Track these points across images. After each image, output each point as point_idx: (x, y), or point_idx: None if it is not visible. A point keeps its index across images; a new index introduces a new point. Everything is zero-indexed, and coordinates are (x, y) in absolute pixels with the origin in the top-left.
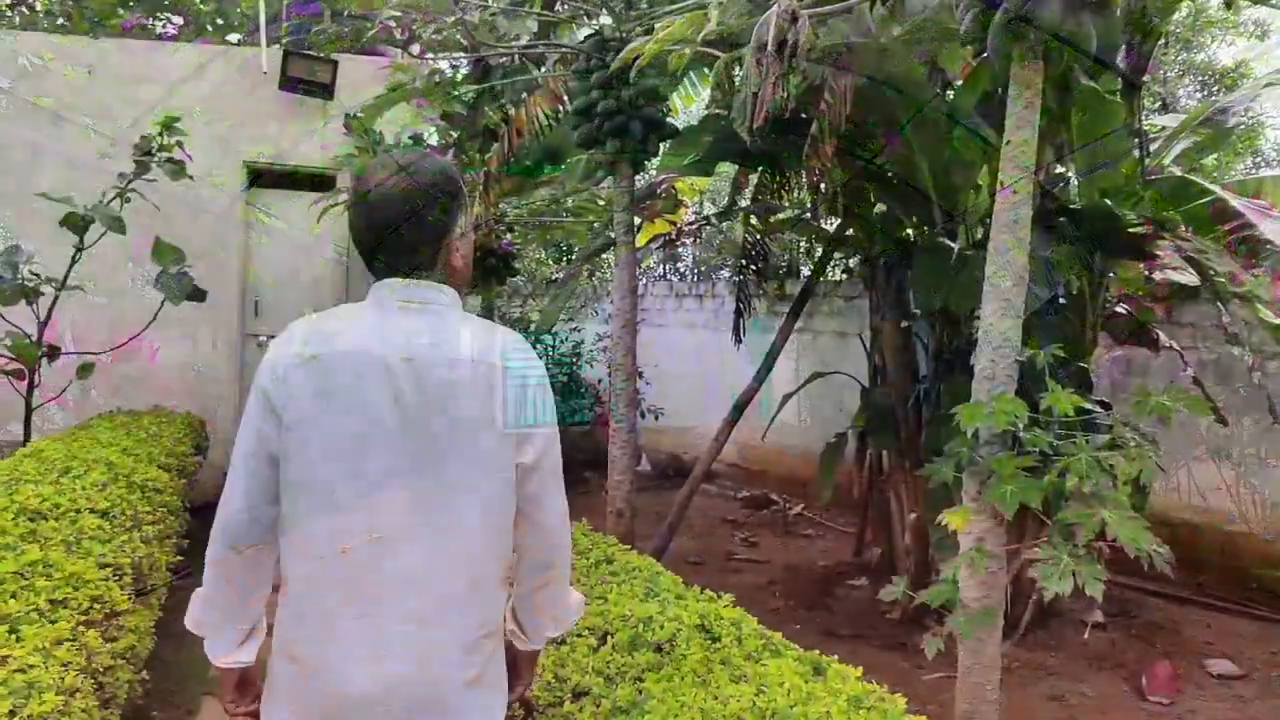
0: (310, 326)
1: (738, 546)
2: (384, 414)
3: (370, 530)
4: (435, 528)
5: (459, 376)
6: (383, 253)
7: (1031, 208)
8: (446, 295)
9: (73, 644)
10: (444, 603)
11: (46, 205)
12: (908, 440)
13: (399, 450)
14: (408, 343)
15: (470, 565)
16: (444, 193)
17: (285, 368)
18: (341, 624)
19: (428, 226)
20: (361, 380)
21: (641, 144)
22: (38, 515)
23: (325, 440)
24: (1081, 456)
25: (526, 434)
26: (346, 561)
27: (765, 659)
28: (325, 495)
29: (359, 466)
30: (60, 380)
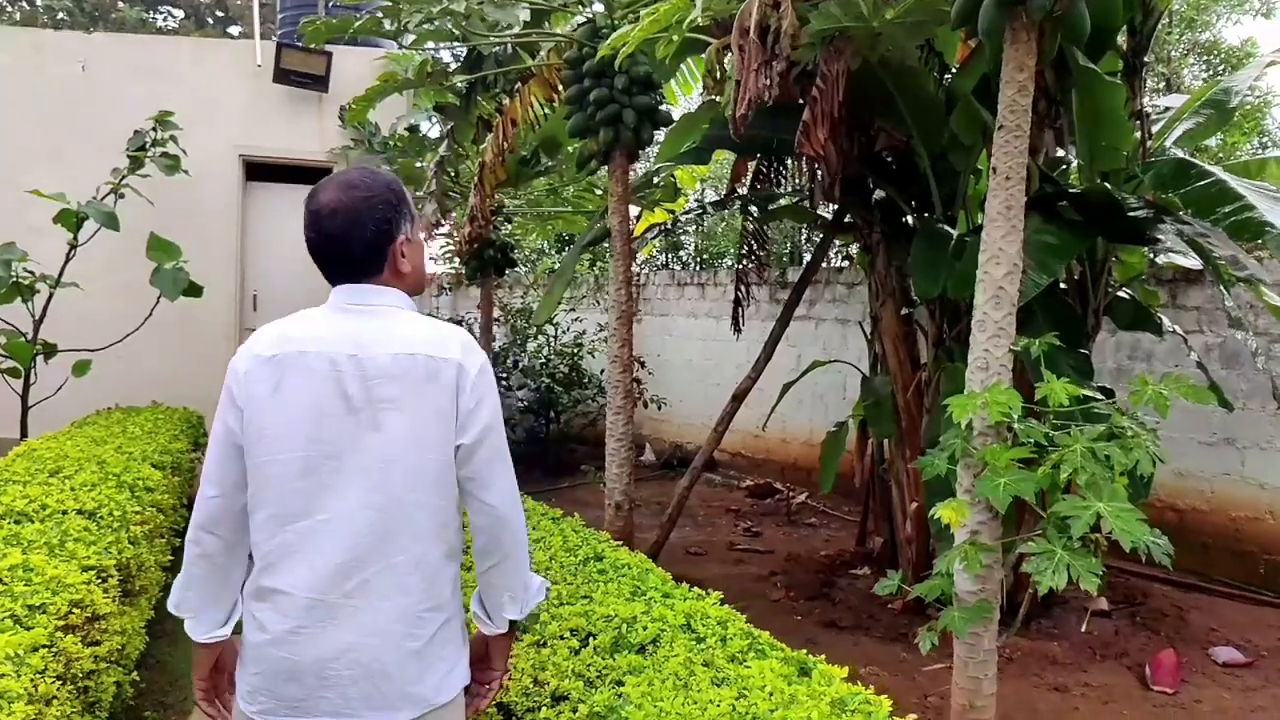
0: (272, 329)
1: (740, 536)
2: (331, 406)
3: (318, 511)
4: (377, 508)
5: (400, 369)
6: (330, 262)
7: (1026, 193)
8: (394, 297)
9: (49, 650)
10: (386, 577)
11: (40, 202)
12: (909, 429)
13: (344, 438)
14: (354, 341)
15: (412, 543)
16: (384, 204)
17: (246, 366)
18: (294, 595)
19: (369, 236)
20: (311, 376)
21: (635, 132)
22: (23, 517)
23: (278, 430)
24: (1076, 447)
25: (466, 419)
26: (301, 542)
27: (749, 660)
28: (279, 480)
29: (308, 454)
30: (59, 377)
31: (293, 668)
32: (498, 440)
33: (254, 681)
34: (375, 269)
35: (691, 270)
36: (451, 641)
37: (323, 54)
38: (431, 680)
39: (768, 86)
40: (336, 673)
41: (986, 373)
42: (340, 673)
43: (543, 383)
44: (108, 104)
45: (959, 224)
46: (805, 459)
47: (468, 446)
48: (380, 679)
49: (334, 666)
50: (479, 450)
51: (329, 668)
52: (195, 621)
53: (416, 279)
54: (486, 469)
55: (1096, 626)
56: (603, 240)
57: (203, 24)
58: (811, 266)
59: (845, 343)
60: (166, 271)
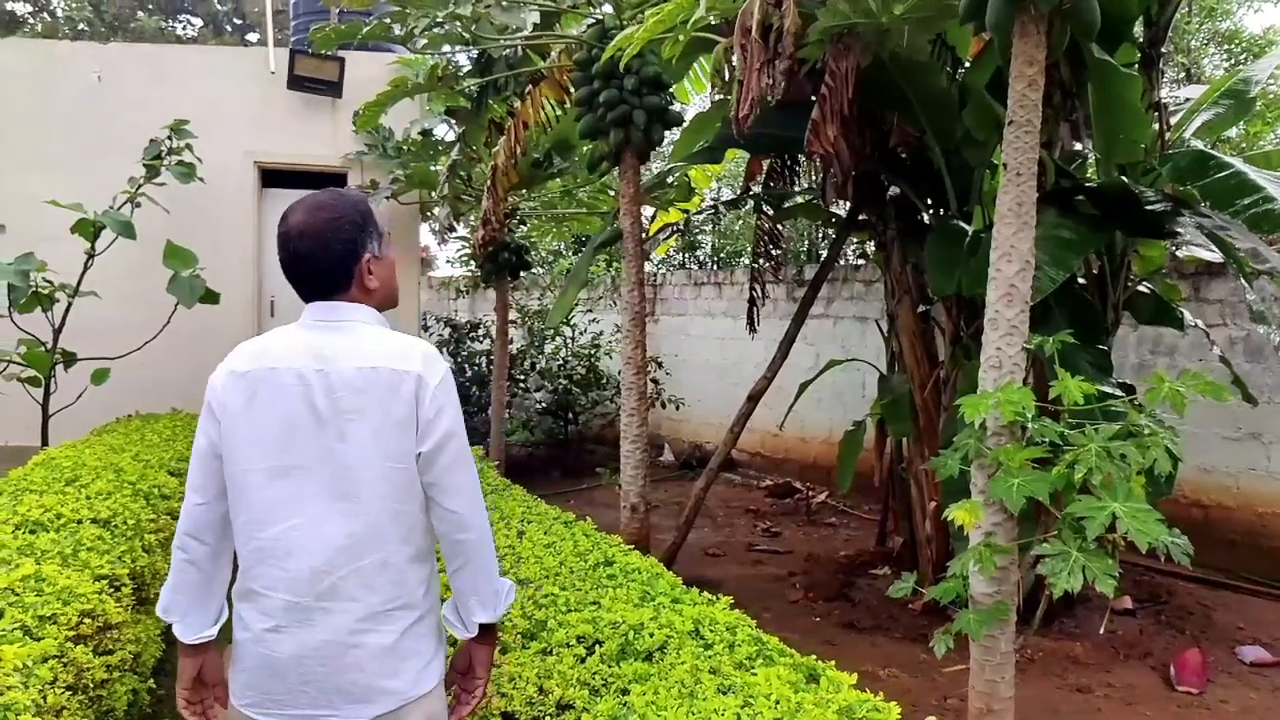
0: (249, 345)
1: (759, 537)
2: (299, 418)
3: (290, 517)
4: (344, 514)
5: (363, 382)
6: (300, 280)
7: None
8: (362, 313)
9: (59, 661)
10: (355, 578)
11: (57, 211)
12: (926, 427)
13: (312, 448)
14: (321, 357)
15: (377, 546)
16: (350, 224)
17: (223, 381)
18: (272, 597)
19: (336, 256)
20: (281, 391)
21: (645, 133)
22: (38, 526)
23: (252, 441)
24: (1091, 447)
25: (426, 428)
26: (275, 546)
27: (757, 667)
28: (254, 488)
29: (279, 463)
30: (79, 385)
31: (274, 664)
32: (458, 448)
33: (242, 678)
34: (343, 286)
35: (708, 270)
36: (425, 638)
37: (336, 60)
38: (406, 674)
39: (770, 86)
40: (313, 669)
41: (999, 371)
42: (316, 669)
43: (560, 384)
44: (123, 113)
45: (975, 220)
46: (825, 458)
47: (428, 454)
48: (355, 674)
49: (309, 663)
50: (439, 457)
51: (305, 664)
52: (183, 624)
53: (385, 295)
54: (447, 476)
55: (1120, 625)
56: (615, 241)
57: (220, 32)
58: (826, 265)
59: (864, 341)
60: (183, 279)
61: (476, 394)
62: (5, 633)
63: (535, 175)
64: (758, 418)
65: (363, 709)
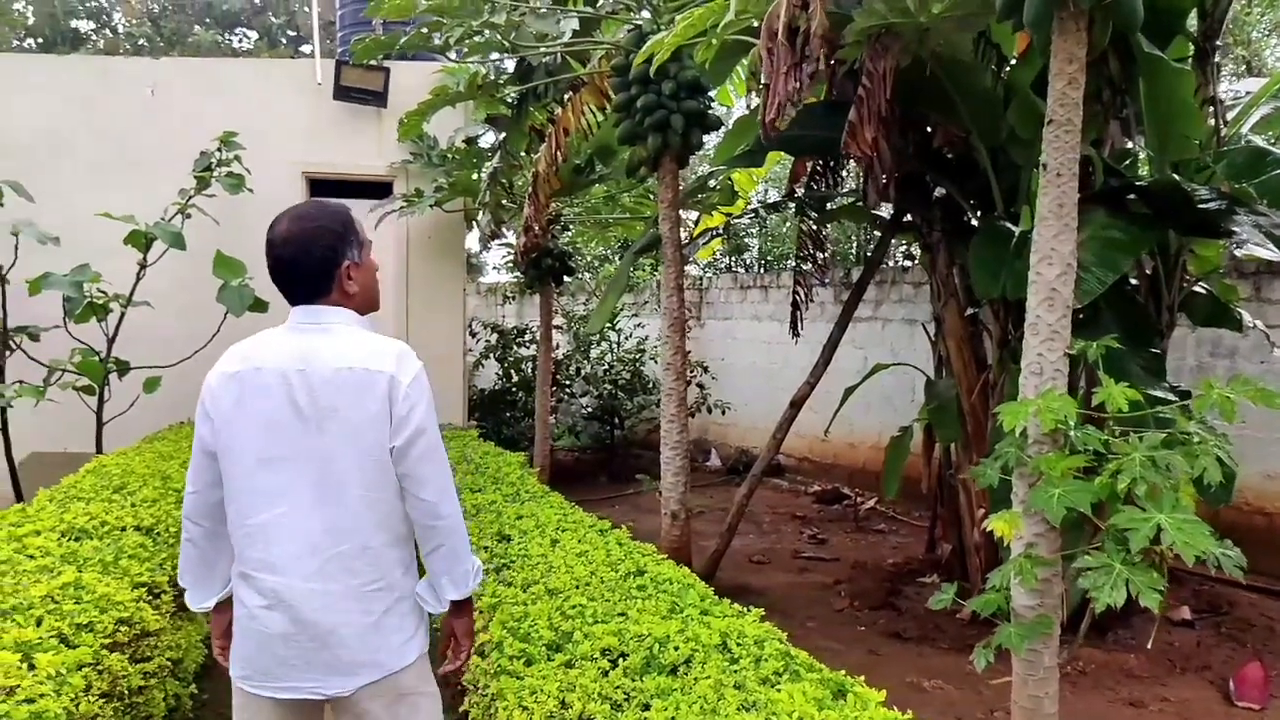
0: (238, 348)
1: (805, 544)
2: (283, 415)
3: (275, 506)
4: (324, 502)
5: (341, 381)
6: (285, 284)
7: (1086, 188)
8: (342, 316)
9: (94, 669)
10: (335, 562)
11: (111, 223)
12: (974, 433)
13: (295, 443)
14: (302, 358)
15: (355, 532)
16: (330, 233)
17: (214, 382)
18: (263, 579)
19: (316, 262)
20: (266, 389)
21: (684, 138)
22: (83, 534)
23: (240, 437)
24: (1135, 456)
25: (399, 423)
26: (262, 532)
27: (783, 683)
28: (242, 481)
29: (265, 458)
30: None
31: (265, 639)
32: (428, 442)
33: (237, 651)
34: (324, 290)
35: (755, 273)
36: (406, 615)
37: (381, 70)
38: (388, 648)
39: (798, 89)
40: (301, 645)
41: (1040, 378)
42: (304, 644)
43: (605, 389)
44: (175, 126)
45: (1022, 220)
46: (873, 463)
47: (400, 448)
48: (340, 649)
49: (298, 639)
50: (411, 451)
51: (294, 640)
52: (190, 594)
53: (365, 298)
54: (418, 467)
55: (1177, 637)
56: (655, 247)
57: (275, 44)
58: (870, 268)
59: (912, 344)
60: (232, 288)
61: (523, 399)
62: (41, 640)
63: (577, 181)
64: (806, 422)
65: (348, 681)
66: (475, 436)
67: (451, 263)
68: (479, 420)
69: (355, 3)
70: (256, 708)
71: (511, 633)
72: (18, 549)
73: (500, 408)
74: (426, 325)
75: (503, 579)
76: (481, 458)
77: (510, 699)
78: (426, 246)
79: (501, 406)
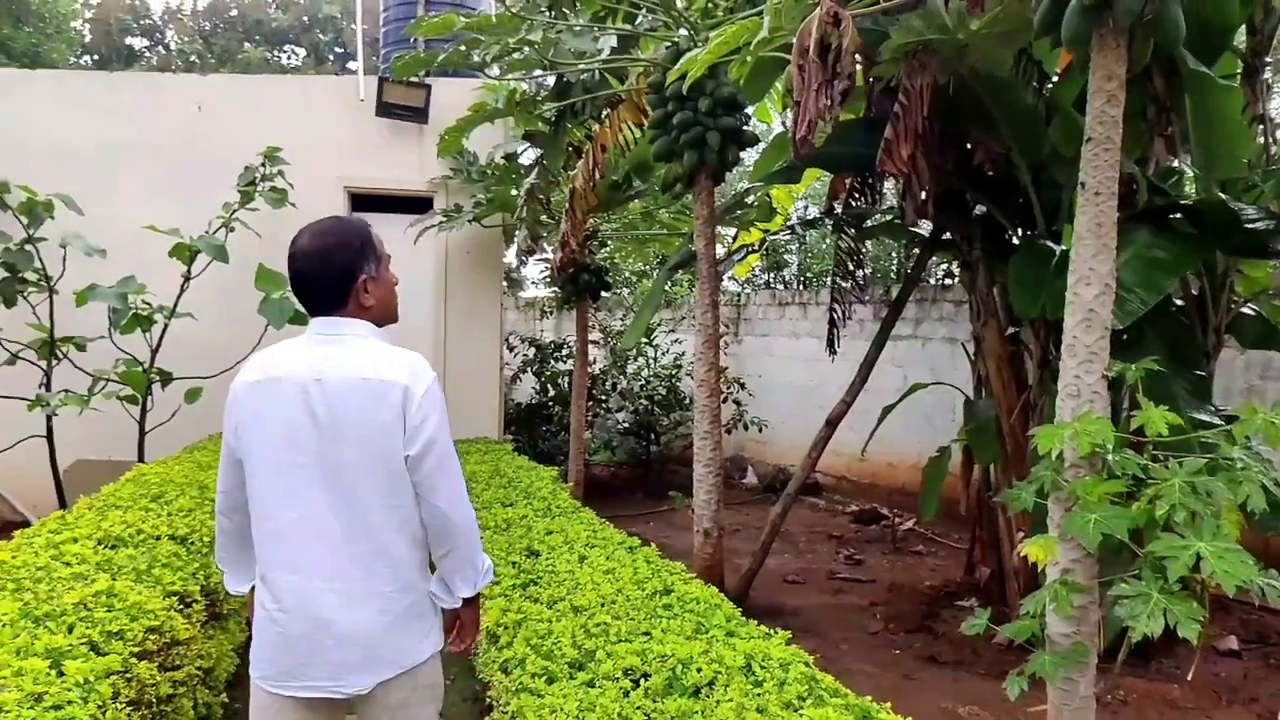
0: (259, 358)
1: (841, 564)
2: (301, 423)
3: (293, 510)
4: (343, 507)
5: (357, 391)
6: (304, 297)
7: (1134, 205)
8: (360, 327)
9: (123, 677)
10: (354, 563)
11: (156, 236)
12: (1014, 454)
13: (313, 450)
14: (320, 367)
15: (373, 534)
16: (348, 248)
17: (237, 391)
18: (283, 580)
19: (334, 276)
20: (285, 398)
21: (720, 154)
22: (119, 542)
23: (260, 443)
24: (1174, 481)
25: (413, 433)
26: (282, 535)
27: (806, 708)
28: (264, 485)
29: (285, 464)
30: (174, 404)
31: (285, 639)
32: (441, 452)
33: (256, 651)
34: (341, 303)
35: (793, 289)
36: (422, 615)
37: (422, 86)
38: (406, 647)
39: (828, 106)
40: (320, 644)
41: (1078, 400)
42: (324, 644)
43: (641, 404)
44: (220, 141)
45: (1064, 239)
46: (912, 484)
47: (414, 457)
48: (359, 648)
49: (319, 638)
50: (425, 460)
51: (315, 639)
52: (228, 577)
53: (382, 311)
54: (431, 476)
55: (1224, 667)
56: (690, 263)
57: (322, 61)
58: (908, 286)
59: (953, 363)
60: (273, 301)
61: (559, 413)
62: (72, 647)
63: (614, 197)
64: (844, 441)
65: (366, 678)
66: (509, 450)
67: (489, 277)
68: (515, 434)
69: (398, 20)
70: (277, 708)
71: (535, 649)
72: (55, 556)
73: (537, 422)
74: (464, 339)
75: (529, 595)
76: (514, 472)
77: (529, 717)
78: (465, 261)
79: (538, 420)
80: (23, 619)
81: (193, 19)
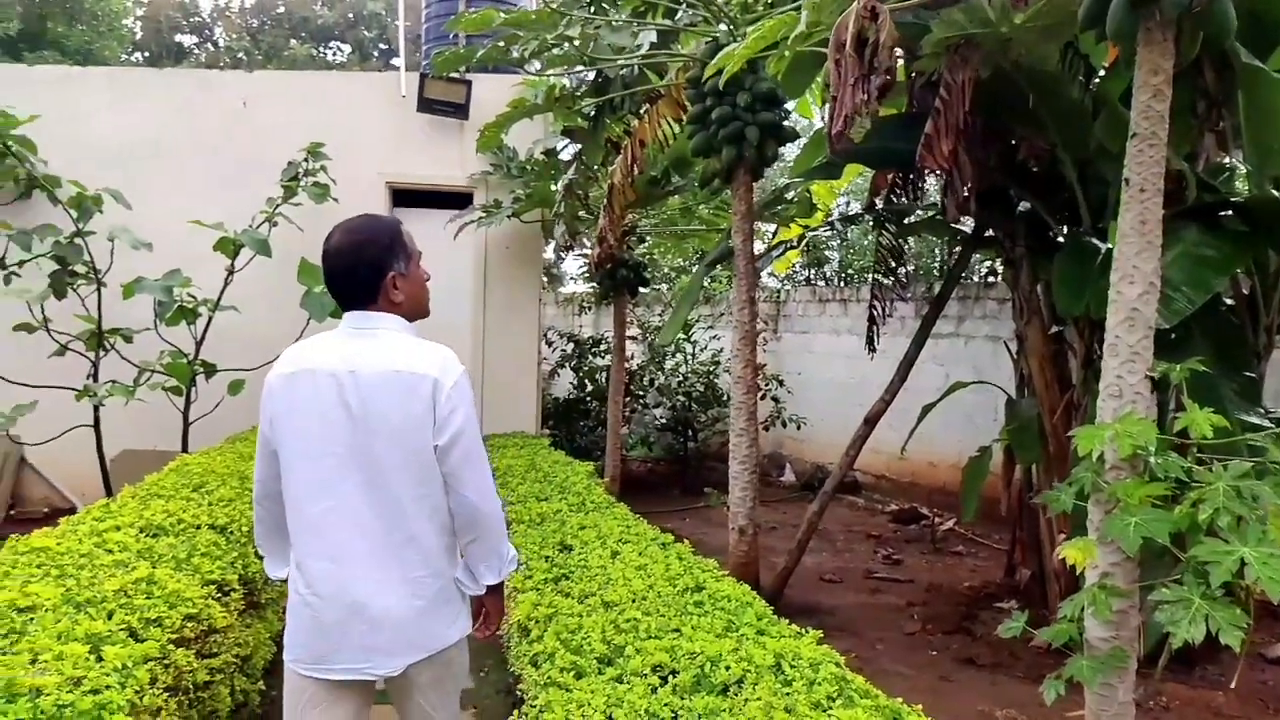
0: (292, 351)
1: (879, 564)
2: (335, 414)
3: (327, 498)
4: (375, 495)
5: (390, 383)
6: (337, 293)
7: (1183, 202)
8: (391, 322)
9: (160, 663)
10: (387, 551)
11: (201, 230)
12: (1056, 454)
13: (346, 440)
14: (353, 360)
15: (404, 522)
16: (376, 246)
17: (272, 384)
18: (318, 567)
19: (364, 273)
20: (319, 390)
21: (759, 149)
22: (160, 531)
23: (295, 433)
24: (1219, 485)
25: (442, 424)
26: (316, 523)
27: (835, 708)
28: (299, 475)
29: (319, 453)
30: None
31: (319, 624)
32: (469, 443)
33: (291, 635)
34: (371, 298)
35: (834, 286)
36: (450, 600)
37: (463, 82)
38: (436, 631)
39: (865, 101)
40: (353, 628)
41: (1119, 401)
42: (357, 628)
43: (679, 400)
44: (265, 136)
45: (1110, 237)
46: (953, 483)
47: (443, 447)
48: (391, 632)
49: (352, 623)
50: (453, 451)
51: (348, 624)
52: (268, 561)
53: (412, 306)
54: (459, 467)
55: (1272, 675)
56: (726, 259)
57: (367, 58)
58: (949, 283)
59: (996, 362)
60: (315, 295)
61: (597, 408)
62: (111, 633)
63: (652, 193)
64: (884, 439)
65: (397, 661)
66: (546, 445)
67: (528, 273)
68: (552, 429)
69: (440, 17)
70: (311, 689)
71: (564, 644)
72: (98, 543)
73: (574, 417)
74: (502, 334)
75: (561, 589)
76: (550, 466)
77: (557, 711)
78: (504, 257)
79: (575, 416)
80: (64, 604)
81: (240, 16)
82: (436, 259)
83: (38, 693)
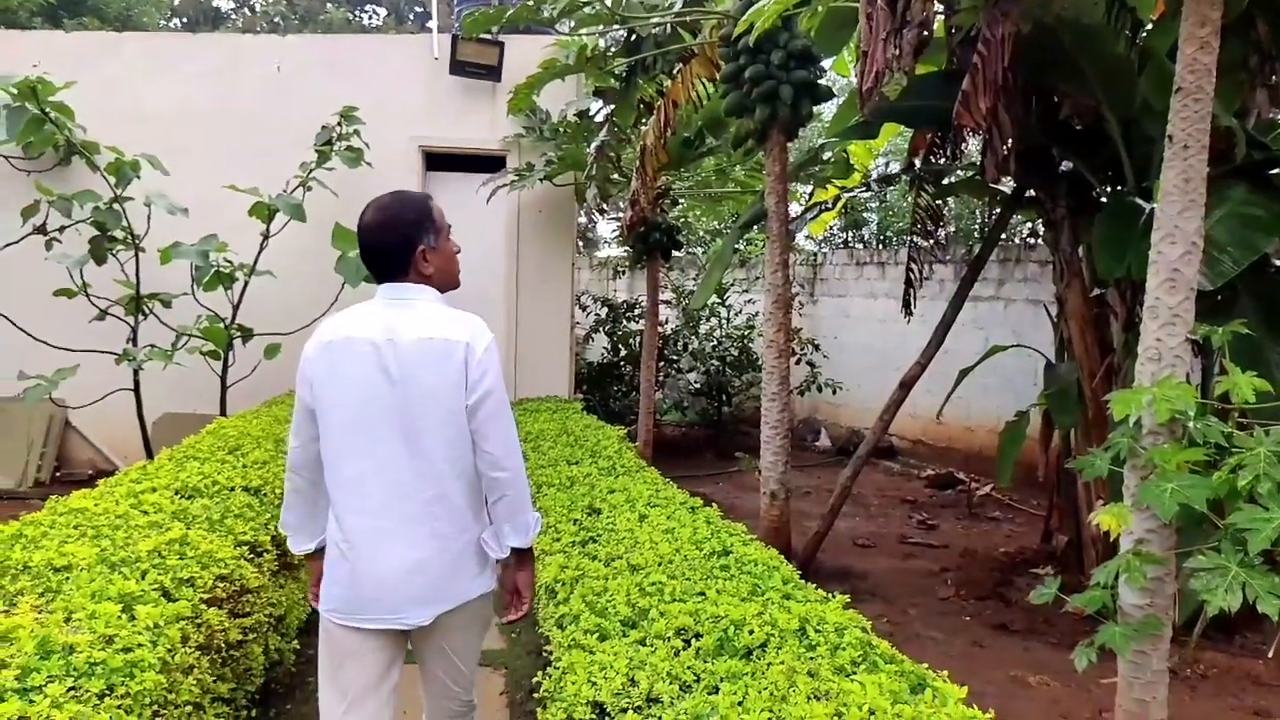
0: (332, 321)
1: (914, 529)
2: (373, 379)
3: (366, 458)
4: (409, 455)
5: (426, 350)
6: (371, 266)
7: (1233, 159)
8: (424, 293)
9: (192, 622)
10: (421, 508)
11: (236, 195)
12: (1095, 419)
13: (384, 403)
14: (390, 328)
15: (437, 481)
16: (405, 221)
17: (312, 350)
18: (356, 522)
19: (394, 246)
20: (358, 356)
21: (793, 109)
22: (195, 492)
23: (335, 399)
24: (1260, 451)
25: (473, 385)
26: (355, 482)
27: (859, 673)
28: (339, 436)
29: (357, 416)
30: (255, 359)
31: (355, 575)
32: (495, 403)
33: (331, 590)
34: (403, 271)
35: (872, 249)
36: (477, 555)
37: (495, 44)
38: (463, 581)
39: (897, 56)
40: (388, 580)
41: (1158, 364)
42: (391, 580)
43: (713, 365)
44: (298, 101)
45: (1154, 196)
46: (990, 448)
47: (472, 406)
48: (422, 583)
49: (386, 576)
50: (481, 408)
51: (382, 577)
52: (293, 539)
53: (443, 278)
54: (486, 424)
55: None
56: (760, 221)
57: (402, 20)
58: (988, 245)
59: (1036, 325)
60: (350, 259)
61: (630, 373)
62: (144, 593)
63: (686, 155)
64: (920, 404)
65: (427, 610)
66: (579, 409)
67: (561, 236)
68: (586, 393)
69: None
70: (346, 639)
71: (590, 606)
72: (134, 505)
73: (608, 381)
74: (535, 297)
75: (588, 552)
76: (582, 430)
77: (580, 673)
78: (536, 220)
79: (609, 380)
80: (99, 564)
81: None
82: (469, 224)
83: (70, 650)
